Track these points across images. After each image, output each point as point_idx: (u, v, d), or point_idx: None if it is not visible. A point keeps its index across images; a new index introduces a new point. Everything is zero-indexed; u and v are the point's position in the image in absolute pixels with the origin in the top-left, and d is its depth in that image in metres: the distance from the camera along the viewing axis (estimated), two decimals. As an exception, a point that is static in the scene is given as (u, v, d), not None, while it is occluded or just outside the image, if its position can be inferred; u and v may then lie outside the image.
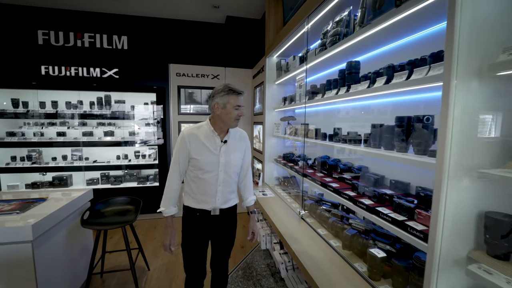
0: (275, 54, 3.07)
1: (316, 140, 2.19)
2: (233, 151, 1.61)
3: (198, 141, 1.53)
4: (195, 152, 1.52)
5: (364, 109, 1.87)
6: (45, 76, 3.61)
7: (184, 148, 1.53)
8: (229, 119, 1.52)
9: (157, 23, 3.99)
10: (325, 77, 2.40)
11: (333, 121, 2.33)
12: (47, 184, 3.68)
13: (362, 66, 1.69)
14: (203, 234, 1.63)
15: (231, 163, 1.59)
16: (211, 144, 1.55)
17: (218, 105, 1.50)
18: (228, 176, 1.60)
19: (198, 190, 1.57)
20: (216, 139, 1.56)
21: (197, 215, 1.60)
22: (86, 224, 2.05)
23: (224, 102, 1.49)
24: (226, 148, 1.57)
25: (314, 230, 1.91)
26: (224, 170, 1.57)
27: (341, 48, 1.67)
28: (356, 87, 1.56)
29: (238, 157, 1.64)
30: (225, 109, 1.50)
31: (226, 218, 1.67)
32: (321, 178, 1.97)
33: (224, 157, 1.56)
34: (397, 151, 1.33)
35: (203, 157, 1.52)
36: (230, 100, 1.49)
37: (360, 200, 1.46)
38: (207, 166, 1.53)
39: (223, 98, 1.49)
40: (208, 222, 1.61)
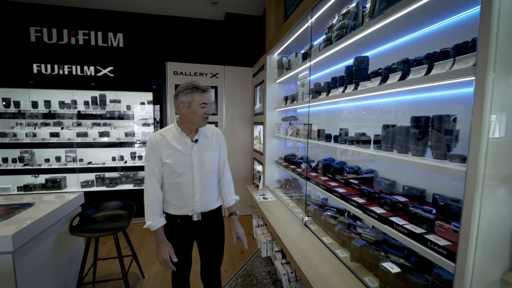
0: (276, 51, 2.94)
1: (319, 141, 2.06)
2: (206, 150, 1.55)
3: (167, 144, 1.47)
4: (166, 156, 1.46)
5: (373, 108, 1.74)
6: (37, 74, 3.48)
7: (154, 153, 1.46)
8: (196, 118, 1.46)
9: (154, 20, 3.86)
10: (329, 75, 2.27)
11: (336, 121, 2.20)
12: (40, 187, 3.55)
13: (371, 62, 1.56)
14: (186, 240, 1.56)
15: (205, 163, 1.53)
16: (181, 145, 1.48)
17: (183, 104, 1.44)
18: (204, 177, 1.53)
19: (175, 195, 1.50)
20: (185, 139, 1.50)
21: (178, 222, 1.53)
22: (75, 231, 1.92)
23: (189, 101, 1.43)
24: (198, 147, 1.52)
25: (319, 238, 1.78)
26: (199, 171, 1.51)
27: (349, 42, 1.54)
28: (365, 85, 1.43)
29: (212, 156, 1.58)
30: (190, 107, 1.43)
31: (210, 222, 1.60)
32: (325, 182, 1.85)
33: (197, 157, 1.51)
34: (413, 154, 1.20)
35: (175, 160, 1.46)
36: (194, 98, 1.43)
37: (371, 209, 1.33)
38: (180, 169, 1.47)
39: (187, 96, 1.42)
40: (190, 228, 1.55)
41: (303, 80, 2.31)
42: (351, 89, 1.54)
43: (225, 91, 3.99)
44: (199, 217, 1.54)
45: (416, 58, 1.20)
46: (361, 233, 1.43)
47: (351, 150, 1.59)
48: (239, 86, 4.02)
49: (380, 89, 1.29)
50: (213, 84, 3.93)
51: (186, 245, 1.58)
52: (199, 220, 1.55)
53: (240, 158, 4.14)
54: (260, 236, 2.34)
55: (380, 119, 1.62)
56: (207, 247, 1.63)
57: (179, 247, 1.55)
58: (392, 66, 1.35)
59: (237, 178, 4.14)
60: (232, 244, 3.16)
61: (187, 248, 1.59)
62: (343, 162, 2.03)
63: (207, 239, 1.62)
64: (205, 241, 1.62)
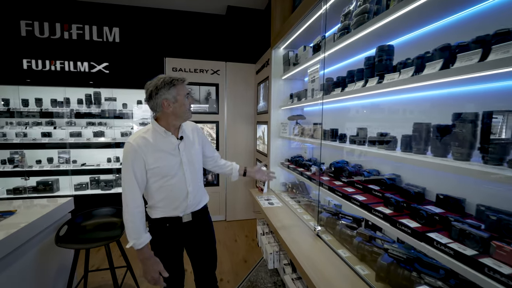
0: (282, 45, 2.75)
1: (332, 142, 1.87)
2: (192, 145, 1.50)
3: (153, 147, 1.34)
4: (154, 160, 1.34)
5: (396, 105, 1.54)
6: (27, 70, 3.28)
7: (138, 160, 1.30)
8: (183, 111, 1.39)
9: (152, 14, 3.67)
10: (342, 69, 2.08)
11: (350, 120, 2.01)
12: (31, 190, 3.36)
13: (395, 52, 1.37)
14: (175, 245, 1.47)
15: (194, 159, 1.49)
16: (168, 146, 1.39)
17: (168, 101, 1.32)
18: (194, 174, 1.48)
19: (169, 199, 1.40)
20: (171, 138, 1.40)
21: (167, 226, 1.43)
22: (62, 242, 1.72)
23: (174, 95, 1.33)
24: (184, 144, 1.45)
25: (334, 252, 1.59)
26: (189, 169, 1.45)
27: (371, 30, 1.35)
28: (393, 77, 1.23)
29: (198, 150, 1.55)
30: (177, 102, 1.34)
31: (200, 222, 1.53)
32: (341, 188, 1.65)
33: (185, 155, 1.44)
34: (454, 158, 1.01)
35: (165, 162, 1.36)
36: (179, 91, 1.34)
37: (402, 222, 1.13)
38: (172, 171, 1.38)
39: (171, 91, 1.32)
40: (180, 232, 1.46)
41: (313, 75, 2.12)
42: (374, 82, 1.35)
43: (227, 88, 3.79)
44: (189, 218, 1.47)
45: (460, 43, 1.01)
46: (388, 248, 1.23)
47: (372, 152, 1.40)
48: (242, 84, 3.83)
49: (413, 81, 1.09)
50: (214, 82, 3.73)
51: (177, 253, 1.49)
52: (190, 221, 1.47)
53: (242, 160, 3.94)
54: (266, 245, 2.15)
55: (407, 117, 1.43)
56: (198, 250, 1.55)
57: (169, 256, 1.45)
58: (426, 55, 1.16)
59: (239, 180, 3.93)
60: (233, 252, 2.98)
61: (178, 256, 1.50)
62: (359, 165, 1.84)
63: (198, 241, 1.54)
64: (196, 244, 1.54)
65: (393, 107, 1.56)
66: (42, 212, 1.77)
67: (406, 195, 1.31)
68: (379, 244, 1.45)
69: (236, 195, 3.91)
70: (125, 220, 1.30)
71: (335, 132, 1.91)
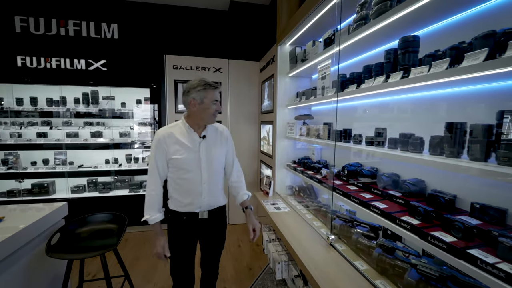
0: (288, 41, 2.61)
1: (345, 143, 1.73)
2: (214, 146, 1.55)
3: (175, 139, 1.47)
4: (174, 152, 1.46)
5: (419, 103, 1.40)
6: (21, 68, 3.14)
7: (160, 149, 1.46)
8: (207, 114, 1.47)
9: (151, 9, 3.53)
10: (353, 66, 1.95)
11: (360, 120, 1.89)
12: (26, 192, 3.22)
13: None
14: (190, 238, 1.57)
15: (213, 159, 1.53)
16: (189, 141, 1.48)
17: (195, 101, 1.43)
18: (212, 174, 1.53)
19: (182, 192, 1.51)
20: (193, 135, 1.50)
21: (184, 219, 1.53)
22: (53, 252, 1.58)
23: (202, 97, 1.42)
24: (205, 143, 1.52)
25: (351, 264, 1.45)
26: (207, 168, 1.51)
27: (396, 18, 1.21)
28: (422, 70, 1.09)
29: (220, 152, 1.59)
30: (202, 104, 1.43)
31: (215, 220, 1.61)
32: (357, 194, 1.52)
33: (205, 154, 1.51)
34: (499, 163, 0.87)
35: (183, 156, 1.46)
36: (207, 94, 1.43)
37: (435, 235, 0.99)
38: (188, 165, 1.47)
39: (200, 93, 1.42)
40: (196, 225, 1.55)
41: (323, 71, 1.98)
42: (398, 77, 1.21)
43: (230, 87, 3.65)
44: (206, 215, 1.55)
45: (507, 29, 0.87)
46: (417, 264, 1.09)
47: (395, 155, 1.26)
48: (245, 82, 3.69)
49: (449, 74, 0.95)
50: (217, 80, 3.59)
51: (191, 243, 1.58)
52: (206, 218, 1.55)
53: (246, 161, 3.80)
54: (273, 253, 2.01)
55: (436, 117, 1.29)
56: (209, 243, 1.65)
57: (184, 244, 1.56)
58: (461, 46, 1.02)
59: (242, 182, 3.80)
60: (237, 258, 2.84)
61: (192, 246, 1.59)
62: (375, 168, 1.70)
63: (211, 236, 1.63)
64: (208, 237, 1.63)
65: (417, 105, 1.42)
66: (32, 219, 1.64)
67: (435, 203, 1.18)
68: (402, 257, 1.31)
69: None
70: (145, 198, 1.50)
71: (349, 132, 1.78)
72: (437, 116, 1.29)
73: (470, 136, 0.98)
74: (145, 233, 3.45)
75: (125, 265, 1.98)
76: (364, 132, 1.66)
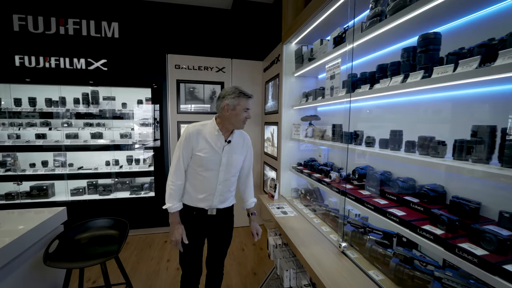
0: (294, 40, 2.54)
1: (356, 146, 1.66)
2: (235, 152, 1.63)
3: (203, 138, 1.55)
4: (199, 149, 1.54)
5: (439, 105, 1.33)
6: (19, 67, 3.07)
7: (188, 143, 1.54)
8: (237, 121, 1.55)
9: (153, 8, 3.45)
10: (364, 65, 1.87)
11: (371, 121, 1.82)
12: (24, 195, 3.15)
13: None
14: (199, 232, 1.66)
15: (232, 164, 1.62)
16: (216, 142, 1.56)
17: (228, 107, 1.52)
18: (228, 176, 1.62)
19: (197, 188, 1.59)
20: (220, 138, 1.58)
21: (194, 214, 1.62)
22: (51, 261, 1.51)
23: (235, 104, 1.51)
24: (229, 148, 1.60)
25: (365, 273, 1.37)
26: (225, 170, 1.60)
27: (417, 14, 1.13)
28: (445, 70, 1.02)
29: (239, 159, 1.68)
30: (234, 110, 1.52)
31: (223, 218, 1.71)
32: (371, 200, 1.44)
33: (227, 157, 1.59)
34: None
35: (207, 155, 1.54)
36: (240, 102, 1.52)
37: (463, 247, 0.92)
38: (209, 164, 1.56)
39: (233, 100, 1.51)
40: (204, 221, 1.64)
41: (332, 71, 1.91)
42: (418, 77, 1.14)
43: (232, 87, 3.58)
44: (214, 212, 1.64)
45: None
46: (441, 277, 1.02)
47: (414, 160, 1.19)
48: (248, 82, 3.61)
49: (480, 74, 0.88)
50: (219, 80, 3.52)
51: (199, 238, 1.67)
52: (214, 215, 1.64)
53: (249, 162, 3.73)
54: (280, 260, 1.94)
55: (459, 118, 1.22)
56: (216, 239, 1.74)
57: (193, 239, 1.63)
58: (491, 43, 0.95)
59: (245, 184, 3.73)
60: (241, 263, 2.76)
61: (200, 241, 1.68)
62: (389, 172, 1.62)
63: (218, 232, 1.72)
64: (216, 234, 1.72)
65: (435, 107, 1.34)
66: (30, 225, 1.56)
67: (458, 211, 1.10)
68: (420, 267, 1.23)
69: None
70: (167, 187, 1.58)
71: (360, 134, 1.70)
72: (458, 118, 1.21)
73: (502, 141, 0.91)
74: (149, 237, 3.38)
75: (126, 272, 1.91)
76: (377, 134, 1.59)
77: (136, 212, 3.31)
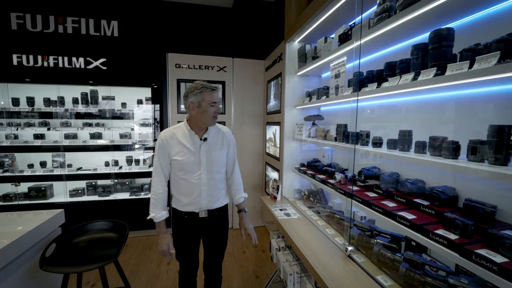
0: (297, 38, 2.49)
1: (362, 146, 1.61)
2: (215, 148, 1.58)
3: (177, 141, 1.51)
4: (175, 153, 1.50)
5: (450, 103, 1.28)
6: (17, 67, 3.02)
7: (163, 149, 1.51)
8: (206, 117, 1.49)
9: (153, 6, 3.40)
10: (370, 63, 1.82)
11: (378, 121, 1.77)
12: (22, 196, 3.10)
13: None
14: (193, 236, 1.62)
15: (213, 161, 1.56)
16: (190, 143, 1.52)
17: (193, 105, 1.46)
18: (212, 176, 1.57)
19: (183, 192, 1.55)
20: (194, 138, 1.53)
21: (185, 218, 1.58)
22: (48, 265, 1.46)
23: (199, 101, 1.45)
24: (206, 146, 1.55)
25: (374, 279, 1.33)
26: (207, 169, 1.55)
27: (428, 8, 1.08)
28: (460, 67, 0.97)
29: (220, 155, 1.61)
30: (200, 107, 1.46)
31: (216, 219, 1.65)
32: (379, 202, 1.39)
33: (206, 156, 1.54)
34: None
35: (184, 157, 1.50)
36: (204, 97, 1.45)
37: (481, 254, 0.87)
38: (188, 166, 1.51)
39: (196, 96, 1.45)
40: (197, 224, 1.60)
41: (337, 69, 1.86)
42: (431, 74, 1.09)
43: (234, 86, 3.53)
44: (205, 214, 1.59)
45: None
46: (457, 285, 0.97)
47: (425, 161, 1.14)
48: (250, 81, 3.56)
49: (501, 70, 0.83)
50: (221, 79, 3.47)
51: (194, 242, 1.63)
52: (206, 217, 1.59)
53: (251, 163, 3.68)
54: (284, 264, 1.89)
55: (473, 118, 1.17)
56: (211, 242, 1.69)
57: (187, 243, 1.61)
58: (511, 37, 0.90)
59: (247, 185, 3.68)
60: (243, 265, 2.71)
61: (195, 245, 1.64)
62: (396, 174, 1.58)
63: (212, 234, 1.67)
64: (210, 236, 1.67)
65: (447, 106, 1.29)
66: (26, 228, 1.51)
67: (473, 214, 1.05)
68: (431, 272, 1.18)
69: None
70: (150, 197, 1.54)
71: (366, 135, 1.66)
72: (470, 118, 1.17)
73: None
74: (149, 238, 3.33)
75: (125, 276, 1.86)
76: (382, 134, 1.54)
77: (136, 213, 3.26)
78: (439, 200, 1.21)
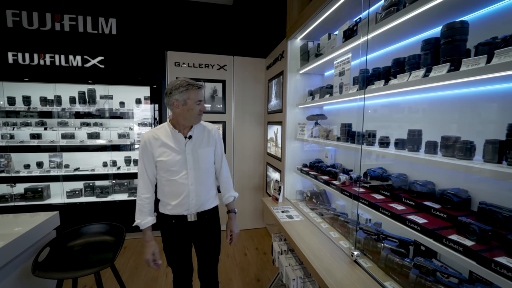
0: (299, 36, 2.43)
1: (369, 147, 1.55)
2: (201, 146, 1.53)
3: (160, 141, 1.46)
4: (159, 154, 1.45)
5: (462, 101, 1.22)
6: (13, 65, 2.95)
7: (146, 152, 1.46)
8: (191, 115, 1.44)
9: (152, 4, 3.34)
10: (376, 60, 1.76)
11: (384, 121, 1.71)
12: (18, 197, 3.04)
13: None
14: (183, 241, 1.55)
15: (199, 159, 1.51)
16: (174, 142, 1.47)
17: (178, 102, 1.40)
18: (199, 174, 1.51)
19: (170, 194, 1.49)
20: (178, 136, 1.48)
21: (173, 222, 1.52)
22: (41, 271, 1.40)
23: (185, 98, 1.40)
24: (192, 144, 1.50)
25: (381, 285, 1.26)
26: (194, 168, 1.50)
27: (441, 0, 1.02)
28: (476, 62, 0.91)
29: (207, 152, 1.56)
30: (186, 105, 1.41)
31: (206, 223, 1.58)
32: (387, 205, 1.33)
33: (192, 154, 1.49)
34: None
35: (169, 157, 1.45)
36: (190, 95, 1.40)
37: (501, 262, 0.81)
38: (175, 166, 1.46)
39: (182, 94, 1.39)
40: (186, 229, 1.54)
41: (342, 67, 1.80)
42: (443, 71, 1.02)
43: (234, 85, 3.47)
44: (194, 217, 1.53)
45: None
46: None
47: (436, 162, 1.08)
48: (250, 80, 3.50)
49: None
50: (221, 78, 3.41)
51: (184, 247, 1.57)
52: (195, 220, 1.53)
53: (252, 163, 3.62)
54: (287, 268, 1.83)
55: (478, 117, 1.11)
56: (203, 247, 1.62)
57: (177, 249, 1.55)
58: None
59: (248, 186, 3.62)
60: (244, 268, 2.64)
61: (186, 250, 1.58)
62: (404, 175, 1.51)
63: (204, 240, 1.60)
64: (202, 242, 1.61)
65: (457, 104, 1.23)
66: (18, 232, 1.45)
67: (489, 219, 0.99)
68: (444, 280, 1.12)
69: (244, 201, 3.58)
70: (136, 202, 1.51)
71: (372, 135, 1.59)
72: (485, 117, 1.10)
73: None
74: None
75: (122, 280, 1.80)
76: (388, 133, 1.48)
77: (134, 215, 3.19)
78: (451, 203, 1.15)
